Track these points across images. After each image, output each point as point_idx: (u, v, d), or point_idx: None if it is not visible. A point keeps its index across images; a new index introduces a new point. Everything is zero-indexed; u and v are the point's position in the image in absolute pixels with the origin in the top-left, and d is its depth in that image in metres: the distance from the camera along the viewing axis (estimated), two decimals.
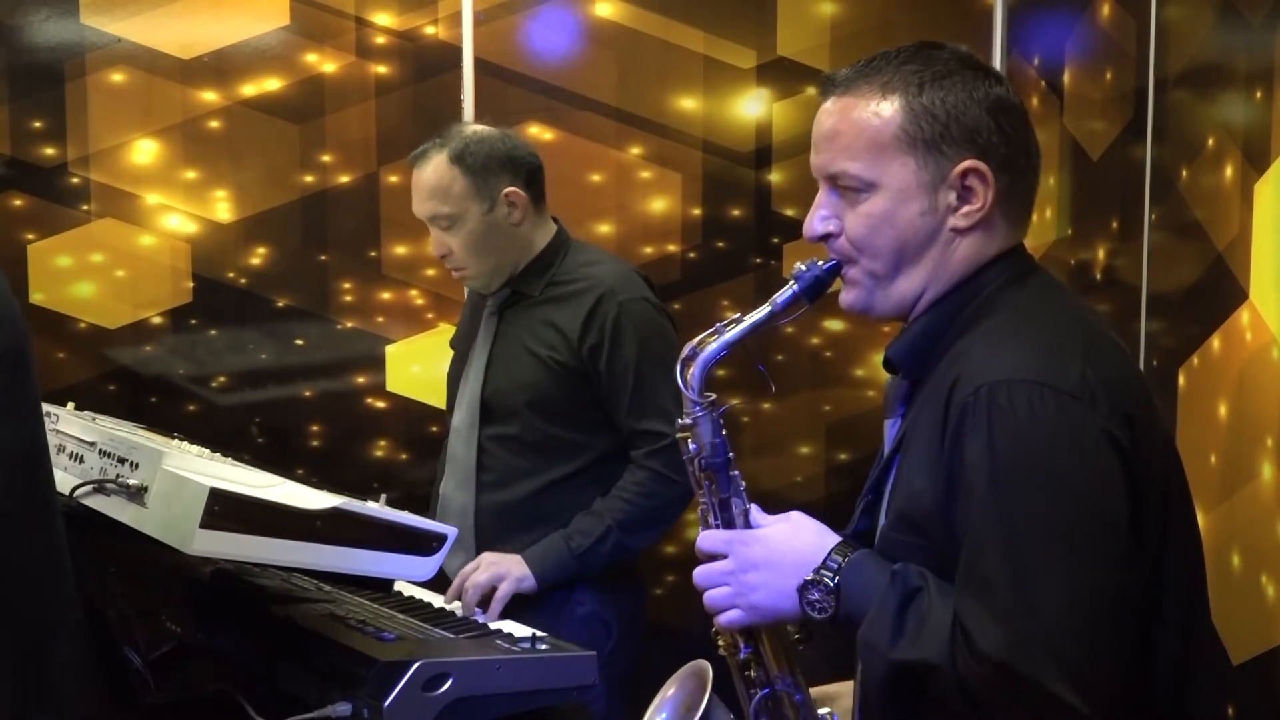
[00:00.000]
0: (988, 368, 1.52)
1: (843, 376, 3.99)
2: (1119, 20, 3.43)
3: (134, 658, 2.23)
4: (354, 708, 2.01)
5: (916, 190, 1.61)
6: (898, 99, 1.61)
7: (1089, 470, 1.48)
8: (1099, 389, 1.50)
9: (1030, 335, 1.56)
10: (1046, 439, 1.48)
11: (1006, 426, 1.48)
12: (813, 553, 1.63)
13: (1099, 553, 1.47)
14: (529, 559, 2.77)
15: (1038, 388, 1.49)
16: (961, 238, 1.63)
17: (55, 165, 3.80)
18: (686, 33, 3.92)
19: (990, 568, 1.47)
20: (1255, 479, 2.49)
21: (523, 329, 2.88)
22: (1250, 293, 2.58)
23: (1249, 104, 2.62)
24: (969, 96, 1.60)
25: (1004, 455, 1.48)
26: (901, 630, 1.53)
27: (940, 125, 1.60)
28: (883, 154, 1.61)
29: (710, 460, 1.74)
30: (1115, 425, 1.50)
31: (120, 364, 3.87)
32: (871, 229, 1.64)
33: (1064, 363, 1.51)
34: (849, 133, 1.63)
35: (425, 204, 2.85)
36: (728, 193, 3.96)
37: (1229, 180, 2.70)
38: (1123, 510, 1.49)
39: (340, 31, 3.86)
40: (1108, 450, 1.49)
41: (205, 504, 2.00)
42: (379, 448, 3.97)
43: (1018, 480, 1.48)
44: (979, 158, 1.60)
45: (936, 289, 1.65)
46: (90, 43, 3.79)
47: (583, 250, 2.96)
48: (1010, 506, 1.48)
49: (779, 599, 1.64)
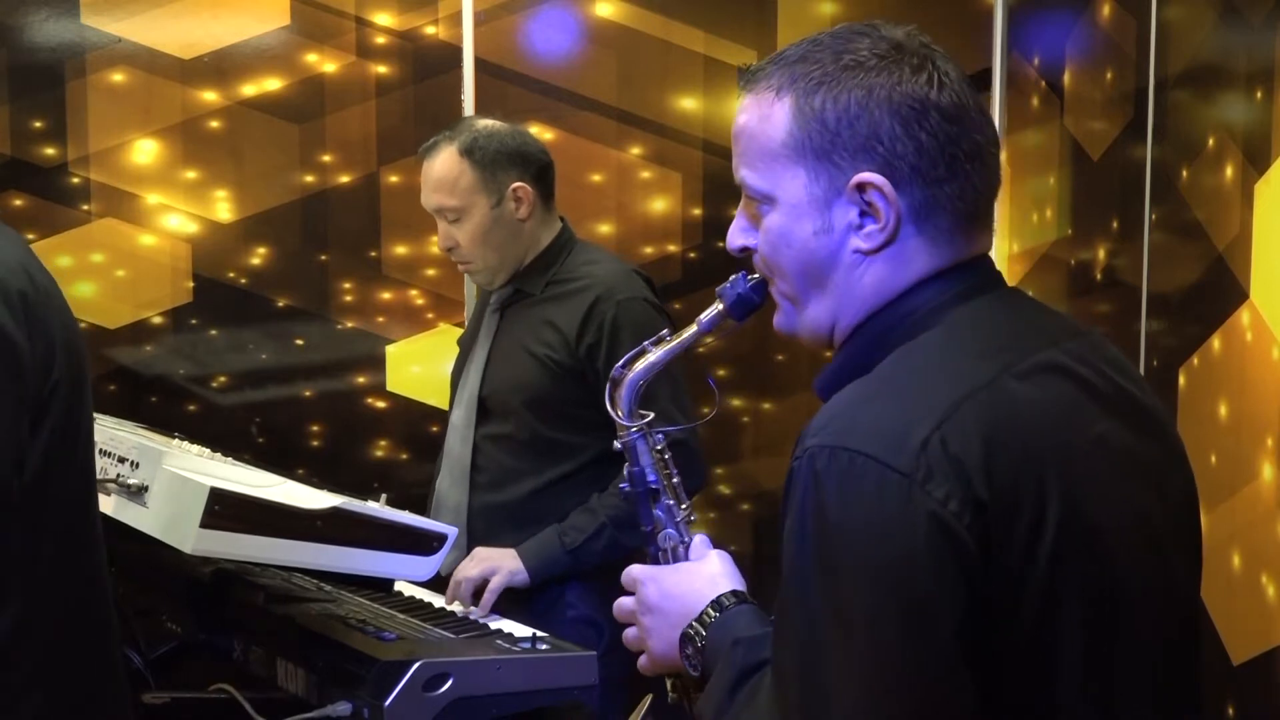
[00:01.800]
0: (819, 428, 1.29)
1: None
2: (1119, 20, 3.43)
3: (134, 657, 2.23)
4: (354, 707, 2.02)
5: (808, 207, 1.38)
6: (789, 99, 1.38)
7: (901, 565, 1.21)
8: (941, 464, 1.23)
9: (891, 389, 1.31)
10: (856, 523, 1.23)
11: (817, 502, 1.24)
12: (696, 600, 1.49)
13: (905, 662, 1.22)
14: (522, 553, 2.76)
15: (859, 459, 1.23)
16: (869, 261, 1.38)
17: (55, 165, 3.80)
18: (687, 32, 3.92)
19: (786, 662, 1.28)
20: (1256, 479, 2.49)
21: (522, 328, 2.89)
22: (1251, 293, 2.58)
23: (1249, 104, 2.62)
24: (868, 96, 1.35)
25: (810, 535, 1.25)
26: (728, 707, 1.38)
27: (831, 131, 1.36)
28: (774, 164, 1.39)
29: (628, 489, 1.64)
30: (952, 510, 1.21)
31: (121, 364, 3.88)
32: (773, 247, 1.42)
33: (908, 428, 1.25)
34: (747, 138, 1.42)
35: (433, 196, 2.85)
36: (728, 193, 3.94)
37: (1229, 180, 2.70)
38: (947, 616, 1.22)
39: (340, 31, 3.86)
40: (932, 542, 1.21)
41: (206, 503, 2.00)
42: (379, 448, 3.97)
43: (819, 567, 1.25)
44: (878, 170, 1.34)
45: (849, 318, 1.42)
46: (90, 43, 3.79)
47: (585, 250, 2.96)
48: (808, 597, 1.25)
49: (667, 648, 1.51)
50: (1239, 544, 2.52)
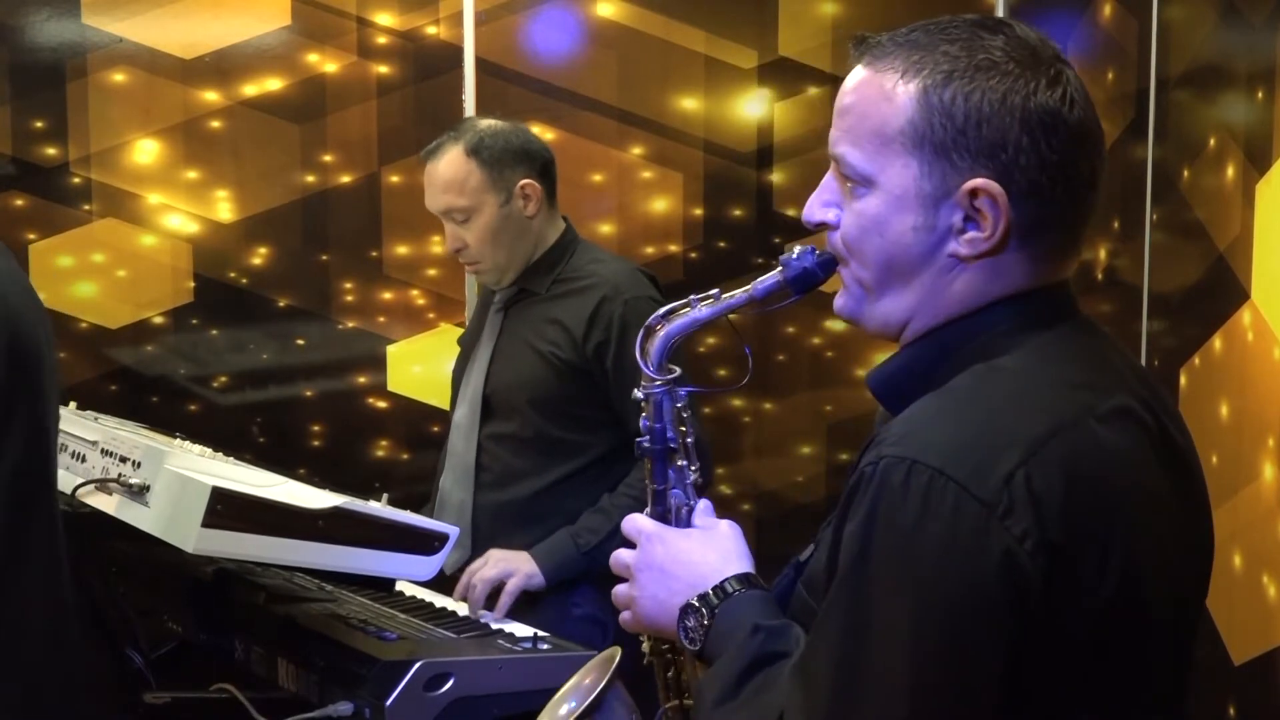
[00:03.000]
0: (900, 438, 1.25)
1: (844, 377, 3.99)
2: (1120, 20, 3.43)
3: (136, 657, 2.23)
4: (356, 707, 2.01)
5: (913, 200, 1.32)
6: (917, 85, 1.31)
7: (962, 592, 1.20)
8: (1023, 501, 1.20)
9: (978, 411, 1.28)
10: (928, 543, 1.20)
11: (889, 514, 1.22)
12: (707, 574, 1.44)
13: (942, 689, 1.21)
14: (536, 556, 2.77)
15: (940, 479, 1.20)
16: (964, 267, 1.33)
17: (57, 165, 3.80)
18: (688, 33, 3.92)
19: (822, 662, 1.25)
20: (1257, 479, 2.49)
21: (527, 326, 2.88)
22: (1252, 293, 2.58)
23: (1250, 104, 2.63)
24: (1002, 100, 1.29)
25: (875, 546, 1.22)
26: (735, 693, 1.34)
27: (955, 129, 1.29)
28: (885, 147, 1.32)
29: (645, 445, 1.55)
30: (1026, 550, 1.20)
31: (122, 364, 3.88)
32: (861, 231, 1.36)
33: (994, 457, 1.22)
34: (858, 113, 1.35)
35: (441, 197, 2.84)
36: (729, 193, 3.96)
37: (1230, 180, 2.70)
38: (994, 652, 1.21)
39: (341, 31, 3.87)
40: (1000, 577, 1.19)
41: (207, 503, 2.00)
42: (380, 447, 3.97)
43: (880, 577, 1.22)
44: (995, 177, 1.29)
45: (926, 320, 1.37)
46: (92, 43, 3.79)
47: (589, 249, 2.96)
48: (860, 605, 1.23)
49: (660, 612, 1.46)
50: (1240, 544, 2.52)
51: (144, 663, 2.25)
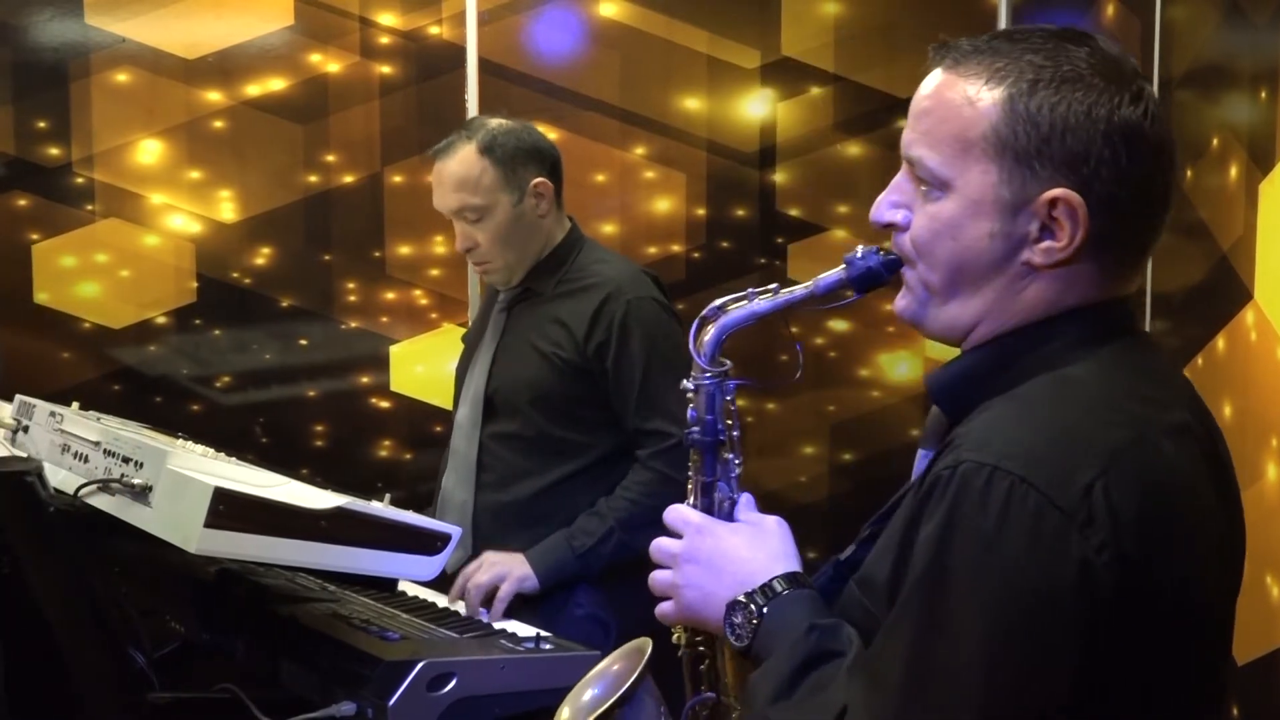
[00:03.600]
0: (979, 443, 1.27)
1: (847, 377, 3.99)
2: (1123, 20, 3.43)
3: (138, 657, 2.23)
4: (358, 707, 2.01)
5: (991, 206, 1.33)
6: (1002, 92, 1.32)
7: (1040, 600, 1.21)
8: (1102, 513, 1.22)
9: (1055, 419, 1.29)
10: (1007, 549, 1.21)
11: (969, 518, 1.23)
12: (758, 570, 1.44)
13: (1015, 695, 1.22)
14: (531, 559, 2.76)
15: (1022, 486, 1.22)
16: (1036, 276, 1.34)
17: (60, 165, 3.81)
18: (690, 33, 3.92)
19: (892, 665, 1.26)
20: (1260, 479, 2.49)
21: (530, 326, 2.88)
22: (1255, 293, 2.58)
23: (1253, 104, 2.62)
24: (1086, 112, 1.29)
25: (953, 550, 1.24)
26: (790, 691, 1.34)
27: (1040, 138, 1.30)
28: (965, 152, 1.33)
29: (697, 436, 1.55)
30: (1102, 561, 1.21)
31: (124, 364, 3.88)
32: (933, 235, 1.36)
33: (1074, 466, 1.23)
34: (938, 116, 1.35)
35: (453, 196, 2.82)
36: (732, 193, 3.96)
37: (1233, 180, 2.70)
38: (1067, 659, 1.22)
39: (344, 31, 3.87)
40: (1076, 588, 1.21)
41: (210, 503, 2.00)
42: (383, 447, 3.97)
43: (957, 581, 1.23)
44: (1076, 188, 1.30)
45: (992, 326, 1.38)
46: (95, 43, 3.79)
47: (594, 249, 2.95)
48: (935, 609, 1.24)
49: (706, 605, 1.47)
50: None
51: (146, 663, 2.24)
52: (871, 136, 3.91)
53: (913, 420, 4.02)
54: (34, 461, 2.24)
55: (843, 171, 3.95)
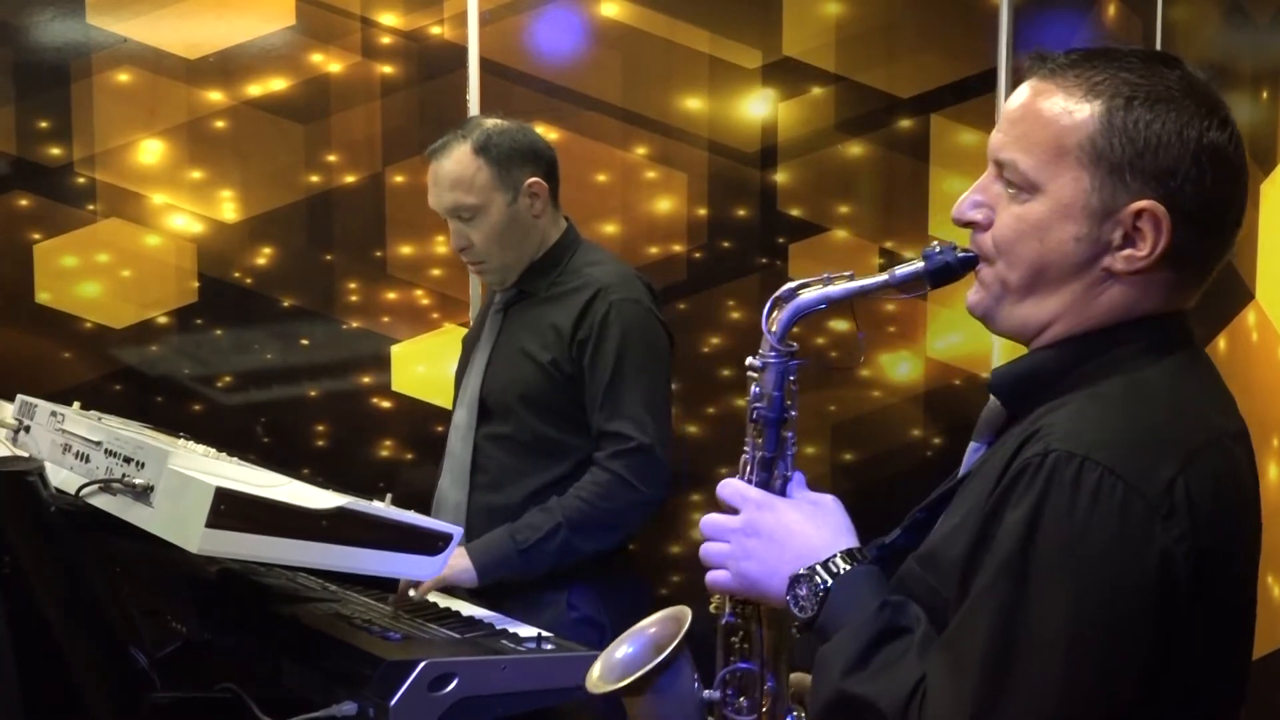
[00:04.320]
0: (1068, 434, 1.34)
1: (848, 377, 3.99)
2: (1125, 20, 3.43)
3: (140, 657, 2.23)
4: (360, 707, 2.01)
5: (1080, 212, 1.40)
6: (1100, 105, 1.40)
7: (1123, 585, 1.29)
8: (1183, 506, 1.30)
9: (1136, 416, 1.37)
10: (1094, 536, 1.29)
11: (1058, 505, 1.30)
12: (820, 546, 1.51)
13: (1096, 674, 1.30)
14: (471, 551, 2.73)
15: (1111, 477, 1.30)
16: (1114, 282, 1.42)
17: (61, 165, 3.81)
18: (692, 33, 3.91)
19: (974, 643, 1.33)
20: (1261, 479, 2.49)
21: (523, 328, 2.88)
22: (1256, 293, 2.58)
23: (1255, 104, 2.62)
24: (1178, 131, 1.38)
25: (1042, 534, 1.31)
26: (864, 664, 1.41)
27: (1134, 151, 1.38)
28: (1059, 159, 1.41)
29: (764, 412, 1.59)
30: (1181, 553, 1.30)
31: (126, 364, 3.88)
32: (1018, 234, 1.44)
33: (1157, 461, 1.32)
34: (1034, 122, 1.43)
35: (447, 195, 2.82)
36: (733, 193, 3.96)
37: None
38: (1145, 643, 1.30)
39: (345, 31, 3.87)
40: (1157, 577, 1.29)
41: (211, 503, 2.00)
42: (384, 448, 3.97)
43: (1043, 566, 1.30)
44: (1162, 201, 1.38)
45: (1066, 326, 1.45)
46: (96, 43, 3.79)
47: (589, 251, 2.95)
48: (1022, 589, 1.31)
49: (768, 577, 1.52)
50: None
51: (148, 662, 2.25)
52: (873, 136, 3.91)
53: (914, 420, 4.02)
54: (35, 461, 2.24)
55: (844, 171, 3.95)
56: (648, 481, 2.77)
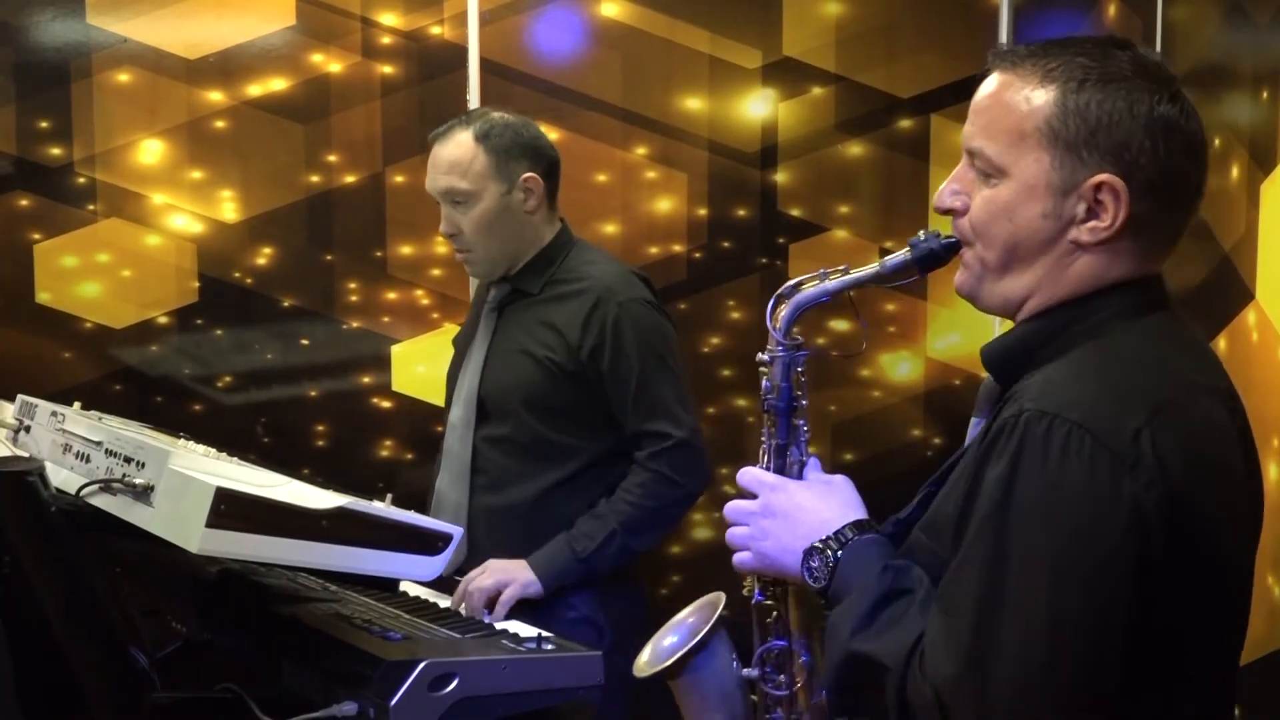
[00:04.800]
0: (1039, 395, 1.43)
1: (849, 377, 3.99)
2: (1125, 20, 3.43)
3: (140, 657, 2.23)
4: (360, 707, 2.01)
5: (1043, 190, 1.50)
6: (1054, 89, 1.50)
7: (1096, 533, 1.37)
8: (1149, 457, 1.38)
9: (1104, 376, 1.46)
10: (1066, 487, 1.38)
11: (1031, 460, 1.39)
12: (830, 520, 1.62)
13: (1078, 620, 1.37)
14: (534, 564, 2.76)
15: (1079, 431, 1.38)
16: (1081, 253, 1.51)
17: (61, 165, 3.81)
18: (692, 33, 3.92)
19: (964, 596, 1.41)
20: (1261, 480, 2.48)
21: (520, 328, 2.88)
22: (1256, 293, 2.58)
23: (1255, 104, 2.62)
24: (1129, 108, 1.47)
25: (1018, 488, 1.40)
26: (869, 624, 1.50)
27: (1087, 129, 1.48)
28: (1020, 143, 1.51)
29: (774, 402, 1.73)
30: (1151, 500, 1.38)
31: (126, 364, 3.88)
32: (990, 216, 1.54)
33: (1123, 415, 1.40)
34: (997, 111, 1.53)
35: (442, 178, 2.84)
36: (733, 193, 3.96)
37: (1235, 180, 2.70)
38: (1122, 588, 1.38)
39: (346, 31, 3.87)
40: (1129, 522, 1.37)
41: (211, 503, 2.00)
42: (384, 448, 3.97)
43: (1021, 518, 1.39)
44: (1119, 174, 1.48)
45: (1043, 299, 1.54)
46: (96, 43, 3.79)
47: (584, 250, 2.96)
48: (1004, 542, 1.40)
49: (784, 554, 1.64)
50: None
51: (148, 662, 2.25)
52: (873, 136, 3.91)
53: (914, 420, 4.02)
54: (36, 461, 2.24)
55: (844, 171, 3.95)
56: (690, 474, 2.83)
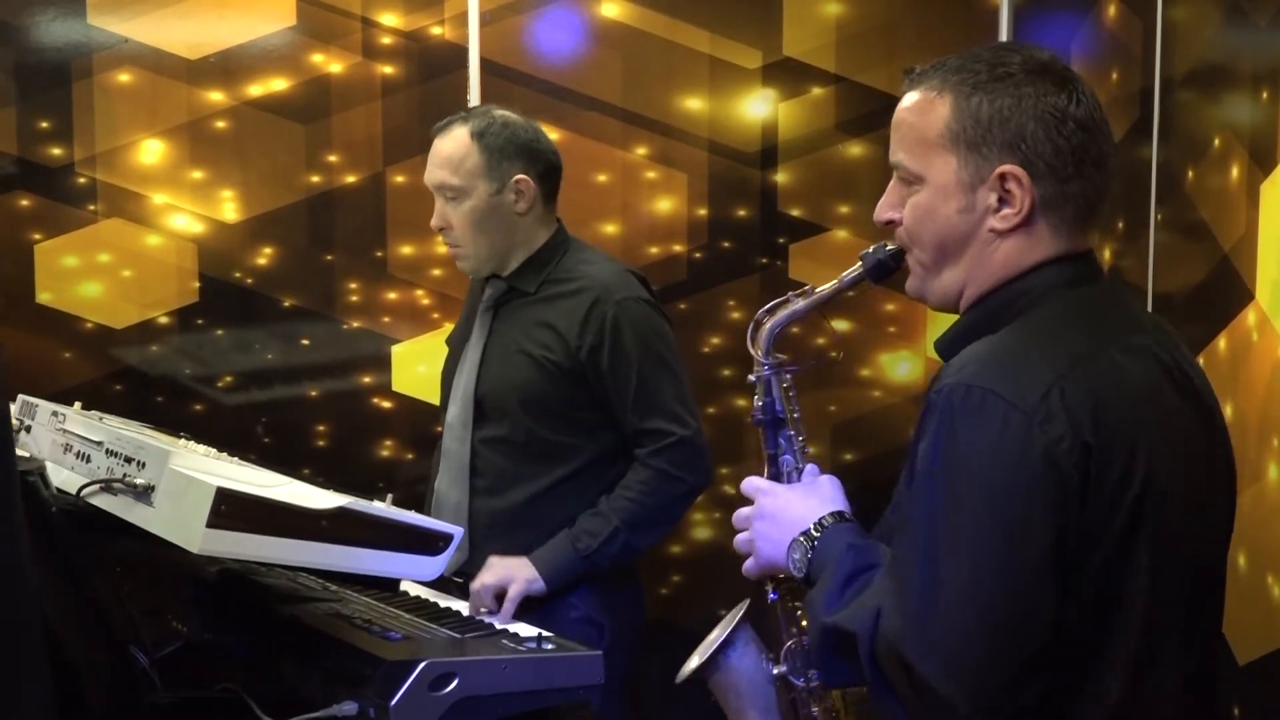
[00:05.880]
0: (958, 369, 1.56)
1: (848, 377, 3.99)
2: (1125, 20, 3.43)
3: (140, 657, 2.23)
4: (360, 707, 2.01)
5: (955, 189, 1.65)
6: (950, 98, 1.65)
7: (1013, 486, 1.49)
8: (1059, 411, 1.50)
9: (1017, 345, 1.59)
10: (981, 447, 1.51)
11: (950, 428, 1.52)
12: (808, 514, 1.75)
13: (1004, 565, 1.49)
14: (536, 561, 2.77)
15: (990, 396, 1.51)
16: (1001, 239, 1.65)
17: (62, 165, 3.81)
18: (692, 33, 3.92)
19: (908, 561, 1.53)
20: (1261, 479, 2.49)
21: (517, 327, 2.89)
22: (1256, 293, 2.58)
23: (1255, 104, 2.62)
24: (1017, 103, 1.62)
25: (941, 454, 1.53)
26: (840, 599, 1.60)
27: (982, 128, 1.62)
28: (929, 150, 1.66)
29: (760, 416, 1.91)
30: (1063, 450, 1.49)
31: (127, 364, 3.88)
32: (917, 220, 1.68)
33: (1031, 377, 1.52)
34: (908, 125, 1.69)
35: (436, 172, 2.87)
36: (733, 193, 3.96)
37: (1235, 180, 2.70)
38: (1043, 533, 1.49)
39: (346, 32, 3.87)
40: (1043, 472, 1.49)
41: (212, 503, 2.00)
42: (385, 447, 3.98)
43: (946, 481, 1.52)
44: (1019, 163, 1.62)
45: (977, 288, 1.68)
46: (97, 43, 3.79)
47: (580, 250, 2.97)
48: (934, 504, 1.52)
49: (775, 551, 1.76)
50: (1245, 544, 2.52)
51: (149, 662, 2.25)
52: (873, 137, 3.91)
53: (913, 420, 4.01)
54: (36, 461, 2.25)
55: (844, 172, 3.95)
56: (691, 469, 2.86)
